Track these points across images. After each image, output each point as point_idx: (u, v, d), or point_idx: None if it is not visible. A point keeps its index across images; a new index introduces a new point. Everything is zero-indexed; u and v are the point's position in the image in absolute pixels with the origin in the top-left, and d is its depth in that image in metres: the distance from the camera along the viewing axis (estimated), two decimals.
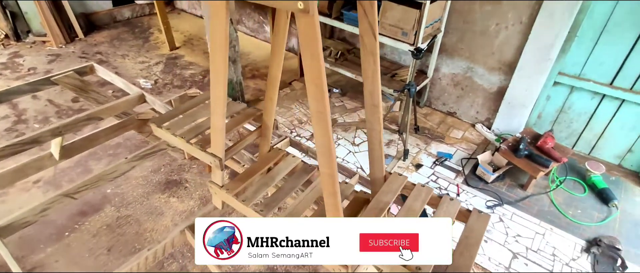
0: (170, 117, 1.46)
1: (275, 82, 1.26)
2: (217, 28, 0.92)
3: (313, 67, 0.77)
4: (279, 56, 1.21)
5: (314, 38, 0.73)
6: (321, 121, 0.82)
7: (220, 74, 1.02)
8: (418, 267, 0.94)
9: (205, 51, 4.75)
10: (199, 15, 5.67)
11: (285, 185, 1.34)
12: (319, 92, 0.79)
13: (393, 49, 3.79)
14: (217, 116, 1.10)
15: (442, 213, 1.08)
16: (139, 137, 3.30)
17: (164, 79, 4.19)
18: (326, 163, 0.89)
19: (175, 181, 2.92)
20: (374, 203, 1.09)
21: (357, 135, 3.42)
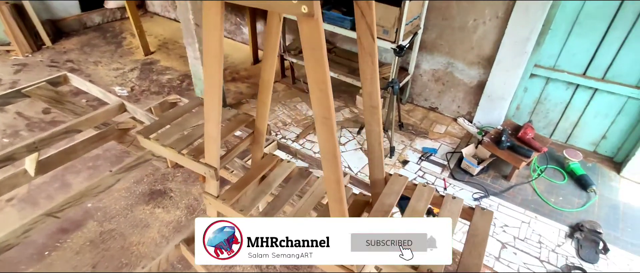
0: (158, 127, 1.40)
1: (268, 86, 1.23)
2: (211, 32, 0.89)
3: (318, 72, 0.75)
4: (272, 59, 1.19)
5: (318, 42, 0.71)
6: (326, 127, 0.81)
7: (215, 80, 0.98)
8: (429, 269, 0.94)
9: (181, 55, 4.63)
10: (173, 18, 5.53)
11: (283, 192, 1.31)
12: (324, 97, 0.77)
13: None
14: (212, 124, 1.07)
15: (446, 212, 1.08)
16: (119, 147, 3.18)
17: (140, 86, 4.05)
18: (332, 169, 0.87)
19: (160, 191, 2.83)
20: (378, 206, 1.09)
21: (343, 135, 3.42)
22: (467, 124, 3.55)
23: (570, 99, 3.14)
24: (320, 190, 1.34)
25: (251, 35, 4.25)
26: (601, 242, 2.45)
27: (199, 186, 2.88)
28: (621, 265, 2.37)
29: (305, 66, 0.77)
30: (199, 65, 3.20)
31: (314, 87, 0.77)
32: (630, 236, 2.55)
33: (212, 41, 0.90)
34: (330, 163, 0.86)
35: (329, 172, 0.88)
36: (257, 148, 1.41)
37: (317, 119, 0.82)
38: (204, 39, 0.92)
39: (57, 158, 2.00)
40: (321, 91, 0.77)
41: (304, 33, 0.72)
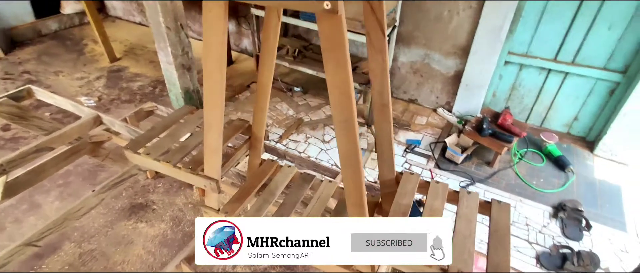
0: (146, 140, 1.30)
1: (266, 90, 1.17)
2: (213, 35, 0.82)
3: (338, 73, 0.70)
4: (270, 62, 1.12)
5: (340, 42, 0.67)
6: (347, 131, 0.76)
7: (217, 88, 0.91)
8: (459, 269, 0.91)
9: (151, 60, 4.42)
10: (138, 21, 5.27)
11: (287, 199, 1.25)
12: (345, 99, 0.72)
13: (351, 42, 3.78)
14: (213, 134, 0.99)
15: (464, 209, 1.07)
16: (91, 161, 3.00)
17: (109, 94, 3.83)
18: (353, 175, 0.83)
19: (141, 204, 2.69)
20: (394, 207, 1.06)
21: (326, 132, 3.39)
22: (447, 114, 3.60)
23: (543, 84, 3.25)
24: (326, 194, 1.29)
25: None
26: (583, 219, 2.56)
27: (183, 196, 2.76)
28: (603, 240, 2.48)
29: (325, 67, 0.72)
30: (172, 70, 3.05)
31: (334, 89, 0.73)
32: (608, 212, 2.68)
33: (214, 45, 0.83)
34: (351, 168, 0.82)
35: (350, 178, 0.84)
36: (254, 155, 1.34)
37: (337, 122, 0.77)
38: (205, 42, 0.85)
39: (25, 179, 1.84)
40: (342, 93, 0.72)
41: (324, 31, 0.67)
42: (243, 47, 4.55)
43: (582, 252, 2.37)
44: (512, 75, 3.34)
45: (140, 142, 1.27)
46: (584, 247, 2.43)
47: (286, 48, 3.78)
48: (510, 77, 3.35)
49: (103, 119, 1.91)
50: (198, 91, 3.33)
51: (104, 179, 2.90)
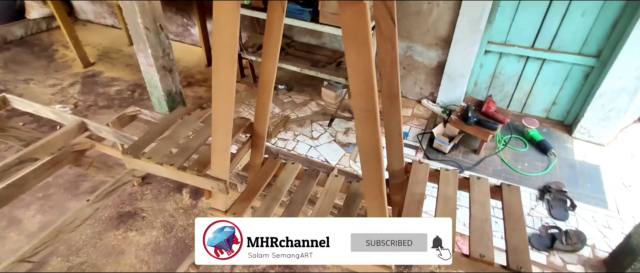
0: (146, 144, 1.25)
1: (268, 87, 1.14)
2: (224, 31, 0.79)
3: (361, 61, 0.69)
4: (274, 56, 1.10)
5: (363, 29, 0.65)
6: (369, 121, 0.75)
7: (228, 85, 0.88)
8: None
9: (128, 64, 4.28)
10: (110, 25, 5.08)
11: (296, 196, 1.23)
12: (368, 89, 0.71)
13: (333, 37, 3.78)
14: (222, 133, 0.96)
15: (476, 194, 1.09)
16: (72, 171, 2.87)
17: (85, 101, 3.68)
18: (373, 168, 0.82)
19: (129, 213, 2.60)
20: (409, 197, 1.06)
21: (314, 129, 3.37)
22: (431, 105, 3.66)
23: (522, 71, 3.35)
24: (334, 188, 1.28)
25: (202, 37, 4.03)
26: (568, 200, 2.66)
27: (173, 201, 2.69)
28: (588, 218, 2.58)
29: (346, 56, 0.70)
30: (153, 73, 2.96)
31: (356, 78, 0.71)
32: (590, 190, 2.79)
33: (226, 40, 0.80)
34: (371, 160, 0.81)
35: (371, 170, 0.83)
36: (256, 154, 1.32)
37: (357, 113, 0.76)
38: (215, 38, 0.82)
39: (6, 194, 1.75)
40: (365, 83, 0.71)
41: (346, 20, 0.66)
42: None
43: (570, 231, 2.46)
44: (492, 64, 3.42)
45: (140, 146, 1.22)
46: (570, 226, 2.53)
47: None
48: (490, 65, 3.43)
49: (88, 125, 1.82)
50: (181, 93, 3.24)
51: (88, 189, 2.81)
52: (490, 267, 0.91)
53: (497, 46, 3.29)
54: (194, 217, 2.58)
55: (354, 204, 1.25)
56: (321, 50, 3.79)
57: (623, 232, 2.47)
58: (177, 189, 2.76)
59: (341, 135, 3.30)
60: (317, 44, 3.90)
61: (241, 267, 2.16)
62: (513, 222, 1.01)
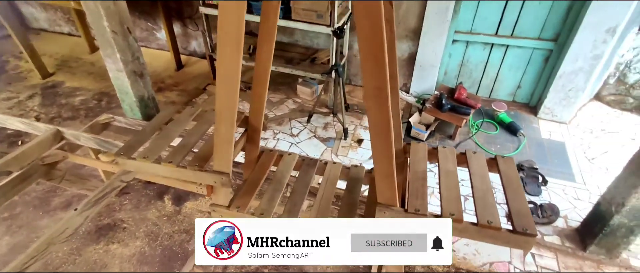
0: (139, 144, 1.20)
1: (264, 78, 1.13)
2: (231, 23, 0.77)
3: (373, 40, 0.70)
4: (269, 47, 1.09)
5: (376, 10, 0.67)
6: (379, 98, 0.77)
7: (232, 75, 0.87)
8: (488, 220, 0.96)
9: (90, 72, 4.07)
10: (67, 32, 4.81)
11: (296, 186, 1.23)
12: (379, 66, 0.73)
13: (305, 34, 3.79)
14: (227, 125, 0.94)
15: (475, 167, 1.13)
16: (40, 187, 2.71)
17: (47, 113, 3.47)
18: (383, 145, 0.84)
19: (109, 225, 2.48)
20: (413, 175, 1.09)
21: (293, 126, 3.37)
22: (405, 95, 3.75)
23: (488, 58, 3.51)
24: (334, 174, 1.29)
25: (170, 40, 3.91)
26: (540, 176, 2.82)
27: (155, 209, 2.59)
28: (559, 192, 2.75)
29: (358, 34, 0.72)
30: (123, 78, 2.83)
31: (368, 55, 0.73)
32: (558, 166, 2.98)
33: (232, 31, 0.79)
34: (381, 137, 0.83)
35: (380, 147, 0.85)
36: (252, 147, 1.30)
37: (369, 89, 0.77)
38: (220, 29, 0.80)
39: None
40: (376, 59, 0.72)
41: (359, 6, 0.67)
42: (191, 49, 4.35)
43: (544, 204, 2.61)
44: (460, 53, 3.56)
45: (133, 147, 1.16)
46: (544, 200, 2.68)
47: None
48: (458, 54, 3.57)
49: (65, 133, 1.72)
50: (154, 98, 3.13)
51: (60, 204, 2.65)
52: (499, 231, 0.96)
53: (463, 35, 3.43)
54: (179, 223, 2.51)
55: (355, 189, 1.27)
56: (294, 47, 3.79)
57: (591, 201, 2.65)
58: (157, 196, 2.67)
59: (320, 131, 3.32)
60: (289, 42, 3.89)
61: (234, 266, 2.12)
62: (512, 189, 1.06)
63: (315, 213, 1.15)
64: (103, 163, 2.25)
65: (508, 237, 0.97)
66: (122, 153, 1.13)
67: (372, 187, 1.27)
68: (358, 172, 1.34)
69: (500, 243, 0.98)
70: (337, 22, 3.05)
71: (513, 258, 2.32)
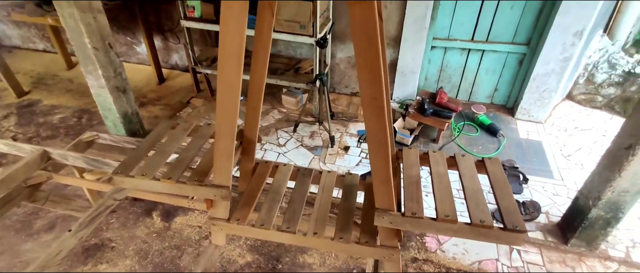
0: (136, 162, 1.19)
1: (259, 90, 1.16)
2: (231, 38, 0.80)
3: (370, 53, 0.74)
4: (264, 59, 1.12)
5: (372, 24, 0.71)
6: (376, 108, 0.81)
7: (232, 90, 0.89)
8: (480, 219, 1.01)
9: (68, 89, 3.98)
10: (41, 49, 4.70)
11: (294, 196, 1.25)
12: (375, 77, 0.77)
13: (288, 44, 3.83)
14: (227, 139, 0.96)
15: (464, 169, 1.19)
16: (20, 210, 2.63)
17: (25, 133, 3.37)
18: (380, 152, 0.87)
19: (96, 245, 2.43)
20: (407, 179, 1.13)
21: (280, 136, 3.39)
22: None
23: (466, 62, 3.64)
24: (330, 183, 1.32)
25: (151, 54, 3.87)
26: (521, 174, 2.93)
27: (144, 226, 2.55)
28: (539, 189, 2.87)
29: (355, 49, 0.76)
30: (106, 95, 2.80)
31: (364, 68, 0.77)
32: (536, 164, 3.10)
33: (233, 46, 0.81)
34: (379, 145, 0.87)
35: (378, 155, 0.89)
36: (247, 160, 1.32)
37: (366, 99, 0.81)
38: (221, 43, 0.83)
39: None
40: (372, 71, 0.76)
41: (356, 16, 0.71)
42: (173, 62, 4.32)
43: (526, 202, 2.71)
44: (439, 58, 3.68)
45: (131, 165, 1.16)
46: (526, 198, 2.78)
47: None
48: (437, 60, 3.69)
49: (52, 154, 1.69)
50: (137, 114, 3.09)
51: (44, 226, 2.58)
52: (491, 230, 1.01)
53: (441, 41, 3.54)
54: (169, 239, 2.48)
55: (351, 196, 1.30)
56: (277, 58, 3.82)
57: (569, 196, 2.78)
58: (145, 213, 2.63)
59: (307, 139, 3.35)
60: (273, 52, 3.91)
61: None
62: (500, 189, 1.12)
63: (314, 222, 1.17)
64: (88, 182, 2.21)
65: (500, 234, 1.02)
66: (120, 171, 1.12)
67: (367, 194, 1.31)
68: (352, 179, 1.37)
69: (492, 240, 1.03)
70: (320, 32, 3.11)
71: (500, 256, 2.40)
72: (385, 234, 1.10)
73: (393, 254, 1.12)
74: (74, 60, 4.39)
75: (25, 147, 1.78)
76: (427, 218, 1.01)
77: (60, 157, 1.72)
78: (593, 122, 3.56)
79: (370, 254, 1.14)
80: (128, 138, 2.31)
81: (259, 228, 1.14)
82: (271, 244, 2.43)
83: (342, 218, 1.20)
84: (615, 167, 2.06)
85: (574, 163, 3.11)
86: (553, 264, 2.35)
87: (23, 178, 1.65)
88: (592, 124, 3.54)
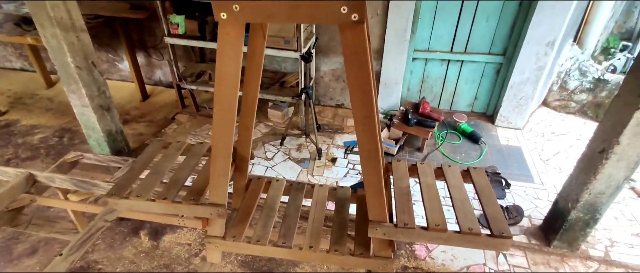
0: (129, 183, 1.19)
1: (251, 109, 1.19)
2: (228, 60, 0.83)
3: (361, 75, 0.78)
4: (256, 79, 1.15)
5: (362, 46, 0.75)
6: (369, 126, 0.85)
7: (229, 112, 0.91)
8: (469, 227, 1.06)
9: (48, 108, 3.90)
10: (19, 68, 4.59)
11: (288, 210, 1.27)
12: (367, 97, 0.81)
13: (272, 59, 3.87)
14: (223, 158, 0.98)
15: (451, 179, 1.24)
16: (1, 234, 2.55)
17: (2, 155, 3.27)
18: (373, 168, 0.91)
19: (82, 268, 2.37)
20: (397, 191, 1.17)
21: (267, 150, 3.40)
22: None
23: (446, 73, 3.75)
24: (322, 196, 1.35)
25: (134, 70, 3.85)
26: (503, 180, 3.02)
27: (131, 246, 2.51)
28: (521, 193, 2.96)
29: (346, 70, 0.79)
30: (89, 114, 2.76)
31: (356, 88, 0.81)
32: (517, 169, 3.21)
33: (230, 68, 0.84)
34: (371, 160, 0.91)
35: (371, 170, 0.92)
36: (240, 176, 1.33)
37: (358, 118, 0.85)
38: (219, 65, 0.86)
39: None
40: (364, 92, 0.81)
41: (347, 39, 0.75)
42: (156, 79, 4.29)
43: (509, 206, 2.80)
44: (420, 70, 3.78)
45: (125, 186, 1.16)
46: (509, 203, 2.87)
47: (208, 73, 3.70)
48: (419, 71, 3.79)
49: (38, 176, 1.66)
50: (122, 132, 3.06)
51: (25, 251, 2.50)
52: (479, 237, 1.05)
53: (422, 53, 3.66)
54: (158, 258, 2.44)
55: (343, 209, 1.34)
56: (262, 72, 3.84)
57: (549, 200, 2.88)
58: (133, 233, 2.59)
59: (294, 152, 3.37)
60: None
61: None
62: (486, 197, 1.18)
63: (309, 236, 1.20)
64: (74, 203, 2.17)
65: (487, 241, 1.07)
66: (114, 193, 1.12)
67: (359, 206, 1.34)
68: (344, 192, 1.41)
69: (480, 247, 1.08)
70: (304, 46, 3.16)
71: (487, 260, 2.46)
72: (379, 245, 1.14)
73: (387, 265, 1.16)
74: (53, 79, 4.32)
75: (9, 170, 1.74)
76: (419, 228, 1.05)
77: (46, 179, 1.69)
78: (568, 127, 3.72)
79: (365, 265, 1.17)
80: (113, 157, 2.28)
81: (255, 245, 1.16)
82: (262, 259, 2.43)
83: (336, 231, 1.23)
84: (591, 170, 2.16)
85: (552, 167, 3.23)
86: (537, 266, 2.43)
87: (7, 202, 1.61)
88: (568, 129, 3.69)
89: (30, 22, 3.32)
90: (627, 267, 2.43)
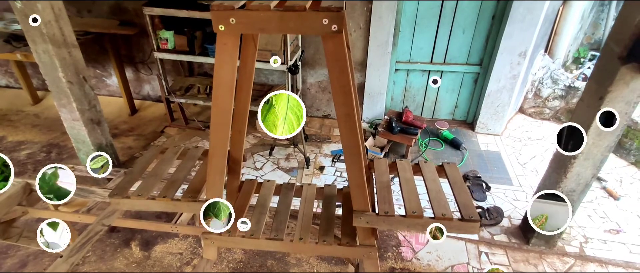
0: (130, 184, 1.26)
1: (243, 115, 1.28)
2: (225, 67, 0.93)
3: (342, 78, 0.89)
4: (247, 88, 1.25)
5: (342, 53, 0.86)
6: (349, 122, 0.95)
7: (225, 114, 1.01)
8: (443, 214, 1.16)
9: (34, 124, 3.91)
10: (4, 85, 4.59)
11: (279, 207, 1.36)
12: (348, 97, 0.92)
13: (260, 72, 3.98)
14: (219, 157, 1.06)
15: (428, 173, 1.35)
16: None
17: None
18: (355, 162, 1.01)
19: None
20: (379, 184, 1.27)
21: (256, 160, 3.47)
22: None
23: (427, 83, 3.92)
24: (311, 194, 1.44)
25: (122, 85, 3.90)
26: (484, 183, 3.16)
27: (122, 257, 2.53)
28: (500, 195, 3.10)
29: (330, 74, 0.90)
30: (80, 127, 2.81)
31: (338, 90, 0.91)
32: (497, 173, 3.36)
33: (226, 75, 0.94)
34: (353, 154, 1.01)
35: (353, 163, 1.02)
36: (233, 178, 1.41)
37: (340, 116, 0.95)
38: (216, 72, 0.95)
39: None
40: (345, 93, 0.91)
41: (329, 47, 0.86)
42: (145, 93, 4.35)
43: (490, 208, 2.93)
44: (403, 80, 3.94)
45: (125, 188, 1.23)
46: (490, 204, 3.00)
47: (196, 87, 3.78)
48: (401, 81, 3.95)
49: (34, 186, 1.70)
50: (112, 145, 3.10)
51: (14, 265, 2.50)
52: (451, 221, 1.16)
53: (403, 64, 3.82)
54: (150, 268, 2.47)
55: (330, 205, 1.43)
56: None
57: (527, 200, 3.02)
58: (123, 244, 2.61)
59: (283, 162, 3.45)
60: None
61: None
62: (458, 188, 1.29)
63: (299, 229, 1.28)
64: (66, 214, 2.21)
65: (459, 224, 1.18)
66: (116, 194, 1.19)
67: (345, 202, 1.44)
68: (331, 189, 1.50)
69: (453, 230, 1.19)
70: (291, 59, 3.28)
71: (470, 259, 2.56)
72: (363, 234, 1.23)
73: (371, 252, 1.25)
74: (39, 95, 4.33)
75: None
76: (398, 215, 1.15)
77: None
78: (543, 132, 3.91)
79: (351, 254, 1.26)
80: None
81: (249, 239, 1.23)
82: (254, 265, 2.48)
83: (324, 224, 1.32)
84: (561, 170, 2.31)
85: (530, 170, 3.39)
86: (518, 263, 2.55)
87: (5, 212, 1.65)
88: (543, 134, 3.88)
89: (20, 39, 3.36)
90: (600, 262, 2.57)
